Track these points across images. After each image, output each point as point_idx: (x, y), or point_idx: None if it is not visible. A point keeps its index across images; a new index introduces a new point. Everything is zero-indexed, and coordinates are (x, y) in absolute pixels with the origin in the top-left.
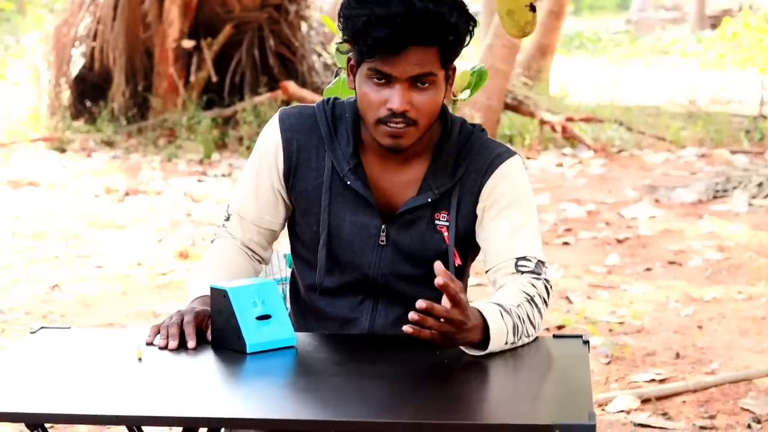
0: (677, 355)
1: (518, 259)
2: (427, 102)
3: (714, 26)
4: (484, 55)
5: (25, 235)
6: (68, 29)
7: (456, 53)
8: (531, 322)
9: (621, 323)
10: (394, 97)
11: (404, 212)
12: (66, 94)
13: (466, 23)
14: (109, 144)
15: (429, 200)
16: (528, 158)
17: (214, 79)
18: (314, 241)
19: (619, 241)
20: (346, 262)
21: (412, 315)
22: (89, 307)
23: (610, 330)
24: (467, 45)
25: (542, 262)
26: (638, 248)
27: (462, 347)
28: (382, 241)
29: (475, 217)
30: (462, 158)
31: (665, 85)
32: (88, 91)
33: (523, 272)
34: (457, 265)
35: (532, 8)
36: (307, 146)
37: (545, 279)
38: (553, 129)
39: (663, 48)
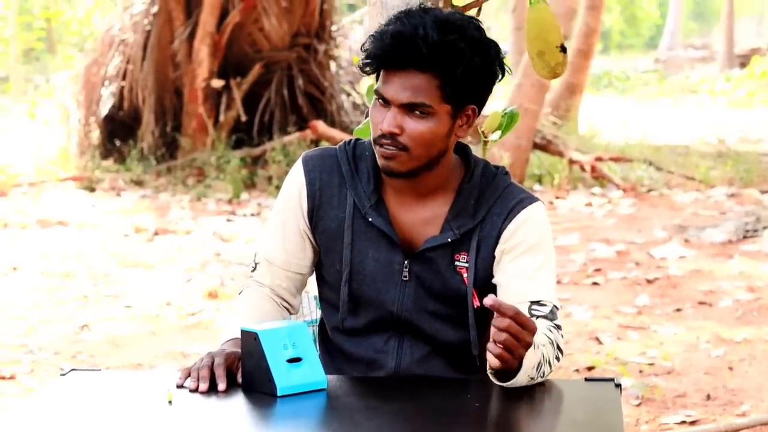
0: (708, 397)
1: (533, 302)
2: (420, 131)
3: (743, 65)
4: (512, 95)
5: (55, 275)
6: (98, 69)
7: (464, 88)
8: (549, 364)
9: (651, 364)
10: (386, 119)
11: (425, 250)
12: (95, 134)
13: (482, 58)
14: (139, 183)
15: (449, 240)
16: (557, 198)
17: (243, 118)
18: (337, 280)
19: (649, 282)
20: (370, 299)
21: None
22: (118, 348)
23: (641, 371)
24: (489, 85)
25: (557, 308)
26: (668, 289)
27: (489, 372)
28: (405, 276)
29: (494, 258)
30: (485, 200)
31: (694, 124)
32: (118, 131)
33: (537, 316)
34: (476, 307)
35: (563, 49)
36: (329, 185)
37: (559, 326)
38: (582, 168)
39: (692, 87)
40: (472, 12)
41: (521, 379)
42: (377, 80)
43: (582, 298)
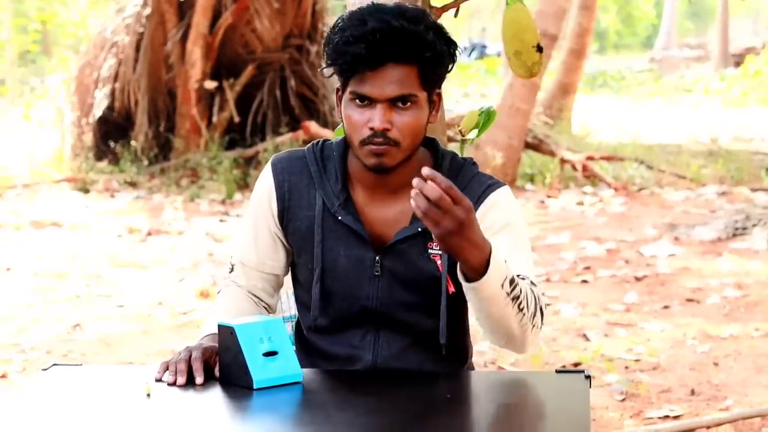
0: (692, 392)
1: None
2: (409, 122)
3: (737, 64)
4: (504, 95)
5: (48, 275)
6: (91, 71)
7: (437, 74)
8: (528, 300)
9: (637, 360)
10: (375, 117)
11: (397, 243)
12: (89, 135)
13: (446, 45)
14: (132, 184)
15: (420, 229)
16: (548, 197)
17: (236, 119)
18: (310, 279)
19: (638, 279)
20: (343, 296)
21: (416, 180)
22: (110, 347)
23: (626, 367)
24: (450, 70)
25: (534, 284)
26: (656, 286)
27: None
28: (377, 272)
29: None
30: None
31: (687, 124)
32: (111, 132)
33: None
34: (450, 292)
35: (539, 49)
36: (298, 186)
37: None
38: (574, 168)
39: (686, 86)
40: (450, 13)
41: (494, 287)
42: (346, 82)
43: (571, 296)
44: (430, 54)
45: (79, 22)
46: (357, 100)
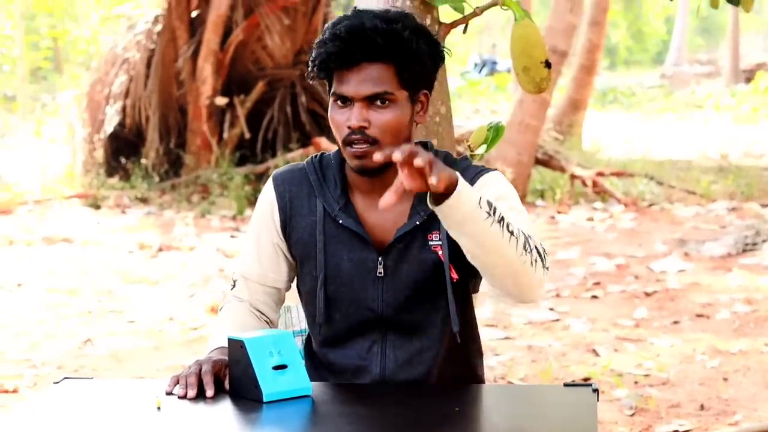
0: (701, 407)
1: None
2: (387, 120)
3: (748, 80)
4: (514, 111)
5: (59, 291)
6: (102, 87)
7: (417, 74)
8: (518, 230)
9: (647, 375)
10: (352, 115)
11: (396, 241)
12: (100, 152)
13: (426, 44)
14: (143, 200)
15: (418, 223)
16: (559, 212)
17: (247, 135)
18: (314, 288)
19: (648, 295)
20: (348, 300)
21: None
22: (121, 362)
23: (636, 382)
24: (435, 69)
25: (531, 237)
26: (666, 301)
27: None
28: (380, 272)
29: None
30: None
31: (698, 139)
32: (122, 148)
33: None
34: (454, 280)
35: (548, 65)
36: (299, 196)
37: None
38: (584, 183)
39: (697, 102)
40: (458, 29)
41: (468, 204)
42: (330, 85)
43: (580, 311)
44: (406, 52)
45: (91, 38)
46: (338, 102)
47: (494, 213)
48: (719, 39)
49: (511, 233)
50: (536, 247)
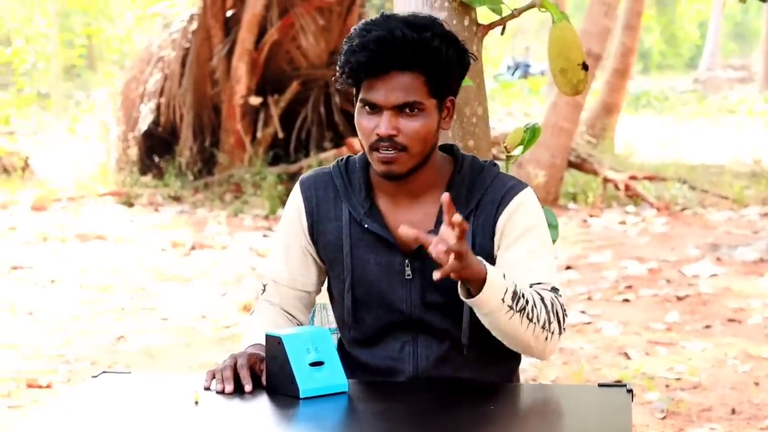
0: (733, 411)
1: (533, 285)
2: (416, 128)
3: None
4: (547, 114)
5: (92, 288)
6: (137, 85)
7: (445, 82)
8: (537, 309)
9: (678, 379)
10: (381, 123)
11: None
12: (134, 150)
13: (455, 52)
14: (176, 199)
15: None
16: (591, 216)
17: (281, 135)
18: (343, 291)
19: (680, 299)
20: (376, 303)
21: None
22: (153, 359)
23: (667, 386)
24: (462, 76)
25: (557, 289)
26: (698, 306)
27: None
28: (409, 275)
29: (491, 247)
30: (476, 189)
31: (730, 144)
32: (156, 147)
33: None
34: None
35: (585, 67)
36: (325, 200)
37: (561, 299)
38: (617, 187)
39: (730, 107)
40: (497, 30)
41: (492, 302)
42: (357, 91)
43: (612, 315)
44: (436, 62)
45: (125, 37)
46: (366, 108)
47: (516, 304)
48: (753, 44)
49: (530, 320)
50: (556, 314)
